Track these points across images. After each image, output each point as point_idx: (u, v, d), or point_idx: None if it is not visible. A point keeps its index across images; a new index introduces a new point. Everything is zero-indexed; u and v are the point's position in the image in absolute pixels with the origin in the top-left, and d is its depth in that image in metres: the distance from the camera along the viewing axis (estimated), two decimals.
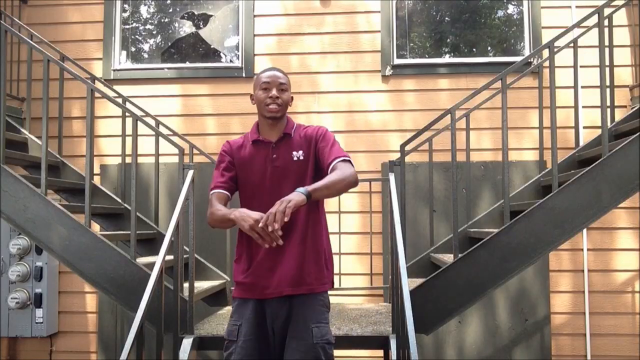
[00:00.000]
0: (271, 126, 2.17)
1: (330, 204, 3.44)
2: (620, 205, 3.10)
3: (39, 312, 4.51)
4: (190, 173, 3.04)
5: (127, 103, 4.08)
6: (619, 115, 4.08)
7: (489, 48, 4.98)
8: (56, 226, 3.06)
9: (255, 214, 1.94)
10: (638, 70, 4.47)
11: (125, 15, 5.04)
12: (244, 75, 4.79)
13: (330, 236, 2.30)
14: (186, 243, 3.11)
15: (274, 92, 2.12)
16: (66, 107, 4.27)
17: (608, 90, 3.35)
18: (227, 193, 2.18)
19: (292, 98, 2.22)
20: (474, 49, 4.91)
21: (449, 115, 3.16)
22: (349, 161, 2.10)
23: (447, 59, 4.90)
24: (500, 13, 5.02)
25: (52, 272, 4.62)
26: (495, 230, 3.00)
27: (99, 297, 4.62)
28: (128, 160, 3.64)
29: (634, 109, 3.50)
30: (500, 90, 3.20)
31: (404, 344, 2.37)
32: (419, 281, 3.15)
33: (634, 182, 2.86)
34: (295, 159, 2.14)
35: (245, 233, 2.01)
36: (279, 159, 2.14)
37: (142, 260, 3.25)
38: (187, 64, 4.97)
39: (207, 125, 4.78)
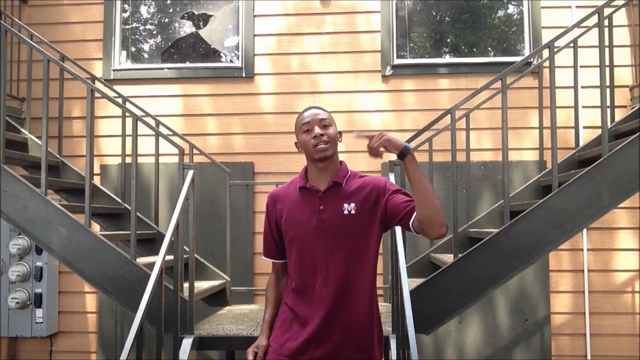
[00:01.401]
0: (321, 170, 1.94)
1: None
2: (620, 205, 3.09)
3: (39, 312, 4.51)
4: (190, 173, 3.03)
5: (127, 103, 4.08)
6: (619, 115, 4.08)
7: (489, 48, 4.98)
8: (56, 226, 3.06)
9: (262, 343, 1.97)
10: (638, 70, 4.47)
11: (125, 15, 5.05)
12: (244, 75, 4.79)
13: None
14: (186, 243, 3.11)
15: (317, 130, 1.90)
16: (66, 107, 4.26)
17: (608, 90, 3.34)
18: (280, 261, 2.05)
19: (340, 134, 2.00)
20: (474, 49, 4.91)
21: (449, 115, 3.16)
22: None
23: (447, 59, 4.90)
24: (500, 13, 5.02)
25: (52, 272, 4.61)
26: (495, 231, 3.00)
27: (99, 297, 4.62)
28: (128, 160, 3.64)
29: (634, 109, 3.49)
30: (500, 90, 3.20)
31: (404, 344, 2.37)
32: (419, 281, 3.14)
33: (634, 182, 2.85)
34: (345, 212, 1.89)
35: (289, 285, 1.99)
36: (327, 211, 1.89)
37: (142, 260, 3.24)
38: (187, 64, 4.97)
39: (207, 125, 4.78)
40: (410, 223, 1.84)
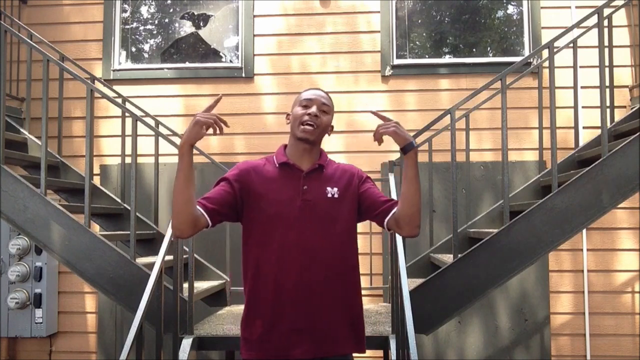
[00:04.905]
0: (303, 152, 1.88)
1: None
2: (620, 206, 3.10)
3: (39, 312, 4.51)
4: None
5: (127, 103, 4.08)
6: (619, 115, 4.08)
7: (489, 48, 4.98)
8: (56, 226, 3.06)
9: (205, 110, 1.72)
10: (638, 71, 4.47)
11: (125, 15, 5.05)
12: (243, 75, 4.79)
13: None
14: (186, 243, 3.11)
15: (314, 109, 1.86)
16: (66, 107, 4.27)
17: (608, 90, 3.35)
18: (207, 218, 1.75)
19: (332, 127, 1.96)
20: (474, 50, 4.92)
21: (449, 115, 3.16)
22: None
23: (447, 59, 4.90)
24: (500, 13, 5.02)
25: (51, 272, 4.61)
26: (495, 231, 3.00)
27: (99, 297, 4.61)
28: (128, 160, 3.64)
29: (634, 109, 3.50)
30: (500, 90, 3.20)
31: (404, 344, 2.37)
32: (418, 281, 3.15)
33: (633, 182, 2.86)
34: (329, 195, 1.85)
35: (252, 269, 1.81)
36: (310, 192, 1.84)
37: (142, 260, 3.25)
38: (187, 64, 4.97)
39: None
40: (386, 220, 1.86)
